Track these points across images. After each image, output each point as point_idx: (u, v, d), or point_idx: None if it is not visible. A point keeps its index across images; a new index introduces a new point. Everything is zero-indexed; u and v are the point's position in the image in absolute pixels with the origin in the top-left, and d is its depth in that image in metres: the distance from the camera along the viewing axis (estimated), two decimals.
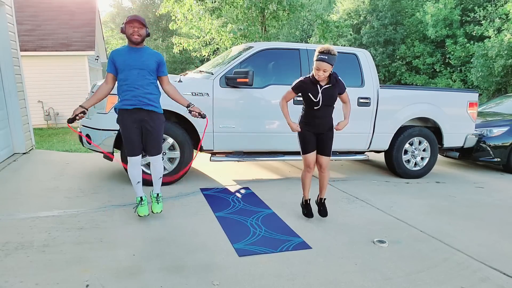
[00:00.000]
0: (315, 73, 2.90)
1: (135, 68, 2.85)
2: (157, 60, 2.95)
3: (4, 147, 5.19)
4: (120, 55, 2.88)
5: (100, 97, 2.95)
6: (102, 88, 2.95)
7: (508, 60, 13.35)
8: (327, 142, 3.15)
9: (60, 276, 2.23)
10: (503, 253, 2.84)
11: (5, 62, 5.25)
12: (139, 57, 2.87)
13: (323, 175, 3.23)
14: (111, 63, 2.90)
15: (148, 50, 2.95)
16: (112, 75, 2.94)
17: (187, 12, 11.49)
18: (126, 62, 2.85)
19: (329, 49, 2.83)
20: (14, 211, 3.23)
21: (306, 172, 3.22)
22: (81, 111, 2.81)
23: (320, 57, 2.83)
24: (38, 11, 13.14)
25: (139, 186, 3.11)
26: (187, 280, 2.25)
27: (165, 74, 3.02)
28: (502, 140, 5.71)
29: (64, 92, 11.78)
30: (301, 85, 3.03)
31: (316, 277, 2.35)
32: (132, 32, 2.80)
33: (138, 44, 2.87)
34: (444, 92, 5.24)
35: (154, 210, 3.15)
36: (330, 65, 2.85)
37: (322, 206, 3.32)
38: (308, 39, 21.83)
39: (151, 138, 2.99)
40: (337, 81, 3.02)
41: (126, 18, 2.84)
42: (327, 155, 3.17)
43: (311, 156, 3.15)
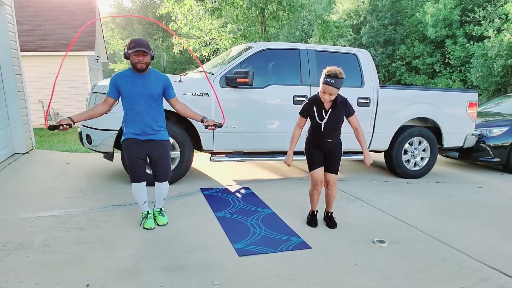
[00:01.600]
0: (321, 96, 2.81)
1: (142, 95, 2.77)
2: (163, 85, 2.85)
3: (4, 147, 5.19)
4: (125, 81, 2.77)
5: (93, 115, 2.81)
6: (99, 107, 2.82)
7: (507, 60, 13.35)
8: (335, 159, 3.07)
9: (60, 276, 2.23)
10: (503, 253, 2.84)
11: (5, 62, 5.25)
12: (145, 84, 2.77)
13: (330, 192, 3.13)
14: (114, 88, 2.78)
15: (152, 74, 2.84)
16: (113, 100, 2.83)
17: (187, 12, 11.50)
18: (132, 90, 2.76)
19: (336, 73, 2.71)
20: (14, 211, 3.23)
21: (313, 190, 3.14)
22: (67, 123, 2.60)
23: (327, 81, 2.72)
24: (38, 11, 13.14)
25: (145, 205, 3.03)
26: (187, 280, 2.26)
27: (173, 96, 2.92)
28: (502, 140, 5.71)
29: (64, 92, 11.77)
30: (307, 108, 2.96)
31: (316, 277, 2.35)
32: (137, 61, 2.69)
33: (143, 72, 2.78)
34: (444, 92, 5.25)
35: (160, 222, 3.06)
36: (337, 89, 2.74)
37: (330, 219, 3.24)
38: (308, 39, 21.83)
39: (158, 165, 2.93)
40: (343, 103, 2.91)
41: (129, 43, 2.70)
42: (335, 173, 3.08)
43: (319, 173, 3.05)
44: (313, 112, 2.94)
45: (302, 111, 3.00)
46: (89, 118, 2.83)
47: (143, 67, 2.73)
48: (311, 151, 3.09)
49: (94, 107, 2.84)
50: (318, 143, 3.05)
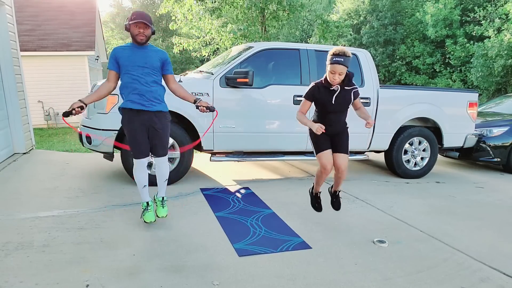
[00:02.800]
0: (330, 77, 2.71)
1: (139, 65, 2.76)
2: (162, 58, 2.86)
3: (4, 147, 5.19)
4: (124, 52, 2.78)
5: (101, 94, 2.84)
6: (104, 86, 2.84)
7: (508, 60, 13.35)
8: (343, 140, 2.93)
9: (60, 276, 2.23)
10: (503, 253, 2.84)
11: (5, 62, 5.25)
12: (143, 55, 2.78)
13: (341, 176, 2.97)
14: (113, 60, 2.80)
15: (152, 48, 2.86)
16: (115, 73, 2.83)
17: (187, 12, 11.49)
18: (130, 59, 2.76)
19: (344, 51, 2.63)
20: (14, 211, 3.23)
21: (321, 173, 2.97)
22: (79, 105, 2.65)
23: (336, 60, 2.63)
24: (38, 11, 13.14)
25: (145, 191, 3.00)
26: (187, 280, 2.25)
27: (171, 73, 2.93)
28: (502, 140, 5.71)
29: (64, 92, 11.78)
30: (313, 91, 2.86)
31: (316, 277, 2.35)
32: (137, 33, 2.70)
33: (143, 44, 2.80)
34: (444, 92, 5.25)
35: (159, 214, 3.05)
36: (346, 68, 2.65)
37: (335, 197, 3.18)
38: (308, 39, 21.82)
39: (158, 138, 2.89)
40: (350, 82, 2.83)
41: (131, 15, 2.72)
42: (345, 153, 2.90)
43: (326, 155, 2.88)
44: (321, 95, 2.83)
45: (308, 94, 2.87)
46: (98, 98, 2.89)
47: (143, 39, 2.73)
48: (317, 135, 2.88)
49: (100, 86, 2.87)
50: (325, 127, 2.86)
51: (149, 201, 3.04)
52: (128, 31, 2.76)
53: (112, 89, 2.89)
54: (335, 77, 2.70)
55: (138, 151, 2.87)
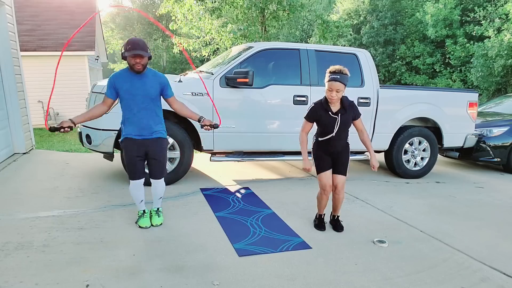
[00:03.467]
0: (328, 95, 2.76)
1: (139, 96, 2.78)
2: (160, 85, 2.85)
3: (4, 147, 5.19)
4: (123, 81, 2.78)
5: (93, 116, 2.84)
6: (98, 108, 2.84)
7: (508, 60, 13.35)
8: (343, 161, 3.00)
9: (60, 276, 2.23)
10: (503, 253, 2.84)
11: (5, 62, 5.25)
12: (142, 85, 2.78)
13: (338, 197, 3.04)
14: (112, 89, 2.80)
15: (150, 74, 2.83)
16: (112, 101, 2.85)
17: (187, 12, 11.48)
18: (129, 91, 2.77)
19: (340, 69, 2.71)
20: (14, 211, 3.23)
21: (321, 195, 3.06)
22: (68, 125, 2.63)
23: (332, 77, 2.70)
24: (38, 11, 13.13)
25: (142, 204, 3.06)
26: (187, 280, 2.25)
27: (171, 96, 2.93)
28: (502, 140, 5.71)
29: (64, 92, 11.76)
30: (313, 112, 2.90)
31: (316, 277, 2.35)
32: (134, 63, 2.70)
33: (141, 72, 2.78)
34: (444, 92, 5.25)
35: (154, 222, 3.07)
36: (343, 85, 2.70)
37: (336, 222, 3.20)
38: (308, 39, 21.82)
39: (156, 163, 2.96)
40: (351, 105, 2.88)
41: (126, 44, 2.70)
42: (343, 174, 2.99)
43: (327, 176, 2.97)
44: (321, 117, 2.88)
45: (309, 115, 2.94)
46: (89, 119, 2.85)
47: (140, 69, 2.74)
48: (319, 155, 3.00)
49: (94, 108, 2.85)
50: (326, 147, 2.97)
51: (145, 209, 3.10)
52: (124, 59, 2.74)
53: (104, 113, 2.89)
54: (332, 94, 2.75)
55: (134, 174, 2.94)
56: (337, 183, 3.00)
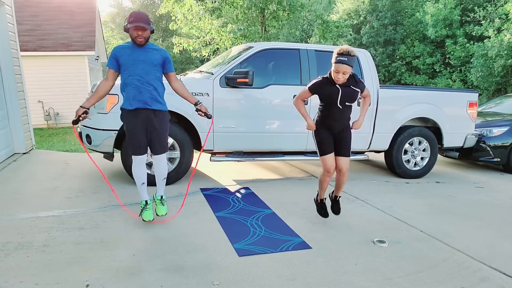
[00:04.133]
0: (334, 76, 2.73)
1: (140, 62, 2.77)
2: (163, 56, 2.86)
3: (4, 147, 5.19)
4: (124, 51, 2.80)
5: (101, 95, 2.86)
6: (102, 85, 2.85)
7: (508, 60, 13.35)
8: (345, 141, 2.96)
9: (60, 276, 2.23)
10: (503, 253, 2.84)
11: (5, 62, 5.25)
12: (144, 53, 2.80)
13: (342, 178, 3.03)
14: (113, 59, 2.80)
15: (153, 46, 2.87)
16: (113, 71, 2.84)
17: (187, 12, 11.48)
18: (130, 57, 2.77)
19: (349, 50, 2.65)
20: (14, 211, 3.23)
21: (325, 176, 3.01)
22: (83, 112, 2.73)
23: (340, 59, 2.65)
24: (38, 11, 13.13)
25: (144, 188, 3.02)
26: (187, 280, 2.25)
27: (172, 71, 2.93)
28: (502, 140, 5.71)
29: (64, 92, 11.78)
30: (318, 86, 2.86)
31: (316, 277, 2.35)
32: (136, 36, 2.72)
33: (143, 45, 2.81)
34: (444, 92, 5.25)
35: (159, 212, 3.06)
36: (350, 67, 2.67)
37: (336, 203, 3.21)
38: (308, 39, 21.82)
39: (157, 136, 2.91)
40: (356, 81, 2.85)
41: (129, 16, 2.73)
42: (347, 155, 2.95)
43: (330, 159, 2.93)
44: (326, 91, 2.83)
45: (312, 87, 2.87)
46: (98, 99, 2.88)
47: (142, 42, 2.75)
48: (320, 134, 2.94)
49: (99, 87, 2.87)
50: (329, 124, 2.92)
51: (148, 199, 3.05)
52: (127, 32, 2.77)
53: (110, 88, 2.90)
54: (339, 76, 2.72)
55: (137, 147, 2.89)
56: (342, 165, 2.97)
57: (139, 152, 2.91)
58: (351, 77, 2.83)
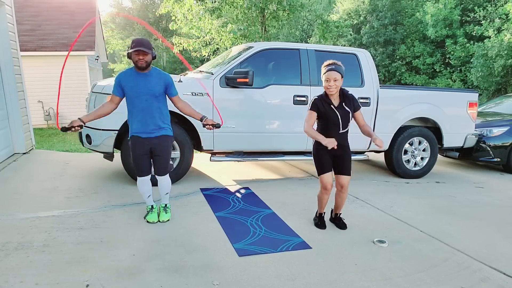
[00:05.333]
0: (326, 85, 2.81)
1: (143, 94, 2.86)
2: (165, 83, 2.92)
3: (4, 147, 5.19)
4: (128, 80, 2.87)
5: (101, 114, 2.94)
6: (106, 106, 2.94)
7: (508, 60, 13.34)
8: (345, 160, 3.01)
9: (60, 276, 2.23)
10: (503, 253, 2.84)
11: (5, 62, 5.25)
12: (146, 83, 2.86)
13: (343, 195, 3.08)
14: (118, 86, 2.90)
15: (154, 73, 2.92)
16: (119, 98, 2.94)
17: (187, 12, 11.48)
18: (134, 89, 2.86)
19: (334, 61, 2.83)
20: (14, 211, 3.23)
21: (323, 194, 3.08)
22: (79, 124, 2.76)
23: (329, 68, 2.80)
24: (38, 11, 13.13)
25: (150, 199, 3.15)
26: (187, 280, 2.25)
27: (175, 94, 3.00)
28: (502, 140, 5.71)
29: (64, 92, 11.71)
30: (316, 102, 2.91)
31: (316, 277, 2.35)
32: (137, 60, 2.79)
33: (144, 70, 2.86)
34: (444, 92, 5.25)
35: (162, 218, 3.15)
36: (340, 74, 2.77)
37: (340, 220, 3.22)
38: (308, 39, 21.83)
39: (160, 161, 3.03)
40: (349, 97, 2.91)
41: (131, 42, 2.80)
42: (347, 174, 3.01)
43: (328, 177, 2.99)
44: (324, 109, 2.89)
45: (313, 105, 2.92)
46: (98, 117, 2.96)
47: (143, 65, 2.82)
48: (320, 154, 3.00)
49: (102, 106, 2.95)
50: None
51: (153, 204, 3.19)
52: (129, 58, 2.85)
53: (113, 110, 3.00)
54: (330, 84, 2.80)
55: (141, 171, 3.04)
56: (343, 183, 3.02)
57: (143, 174, 3.05)
58: (344, 94, 2.90)
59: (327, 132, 2.94)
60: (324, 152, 2.97)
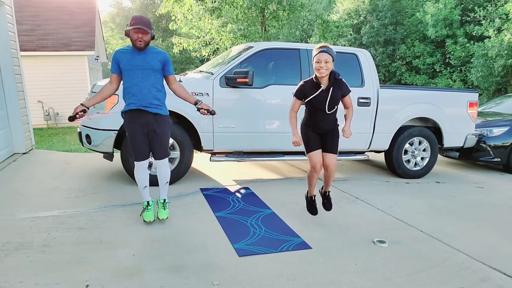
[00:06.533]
0: (316, 67, 2.78)
1: (140, 68, 2.80)
2: (162, 60, 2.87)
3: (4, 147, 5.19)
4: (124, 55, 2.82)
5: (103, 96, 2.90)
6: (106, 87, 2.90)
7: (508, 60, 13.34)
8: (333, 139, 3.01)
9: (60, 276, 2.23)
10: (503, 253, 2.84)
11: (5, 62, 5.25)
12: (143, 58, 2.82)
13: (330, 174, 3.07)
14: (115, 63, 2.84)
15: (152, 50, 2.88)
16: (116, 75, 2.88)
17: (187, 12, 11.48)
18: (130, 63, 2.80)
19: (325, 44, 2.83)
20: (14, 211, 3.23)
21: (312, 173, 3.08)
22: (81, 109, 2.72)
23: (320, 50, 2.77)
24: (38, 11, 13.13)
25: (146, 191, 3.06)
26: (187, 280, 2.25)
27: (171, 73, 2.95)
28: (502, 140, 5.70)
29: (64, 92, 11.78)
30: (302, 89, 2.92)
31: (316, 277, 2.35)
32: (136, 39, 2.74)
33: (142, 49, 2.82)
34: (444, 92, 5.24)
35: (160, 216, 3.08)
36: (331, 56, 2.75)
37: (326, 198, 3.24)
38: (308, 39, 21.82)
39: (158, 141, 2.94)
40: (339, 81, 2.89)
41: (131, 19, 2.75)
42: (334, 152, 3.00)
43: (316, 155, 2.99)
44: (309, 91, 2.89)
45: (298, 92, 2.94)
46: (100, 100, 2.92)
47: (141, 45, 2.76)
48: (307, 133, 3.01)
49: (102, 88, 2.90)
50: (315, 125, 2.98)
51: (150, 200, 3.08)
52: (127, 36, 2.78)
53: (114, 91, 2.95)
54: (321, 65, 2.77)
55: (138, 153, 2.93)
56: (329, 162, 3.02)
57: (140, 157, 2.95)
58: (333, 78, 2.86)
59: (313, 114, 2.95)
60: (310, 130, 2.98)
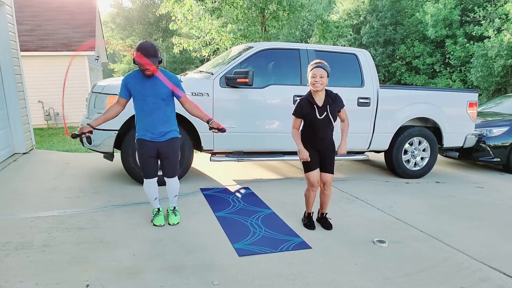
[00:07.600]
0: (312, 81, 2.84)
1: (150, 97, 2.82)
2: (171, 85, 2.87)
3: (4, 147, 5.19)
4: (134, 82, 2.83)
5: (109, 117, 2.92)
6: (113, 108, 2.91)
7: (508, 60, 13.34)
8: (330, 158, 3.06)
9: (60, 276, 2.23)
10: (503, 253, 2.84)
11: (5, 62, 5.24)
12: (152, 86, 2.82)
13: (326, 193, 3.12)
14: (124, 88, 2.86)
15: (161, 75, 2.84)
16: (126, 100, 2.91)
17: (187, 12, 11.48)
18: (140, 92, 2.82)
19: (320, 60, 2.90)
20: (14, 211, 3.23)
21: (309, 191, 3.13)
22: (88, 130, 2.77)
23: (315, 65, 2.86)
24: (38, 11, 13.14)
25: (156, 201, 3.10)
26: (187, 280, 2.25)
27: (182, 96, 2.95)
28: (502, 140, 5.71)
29: (64, 92, 11.76)
30: (300, 107, 2.97)
31: (316, 277, 2.35)
32: (143, 69, 2.74)
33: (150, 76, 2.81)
34: (444, 92, 5.25)
35: (171, 221, 3.10)
36: (326, 72, 2.83)
37: (325, 220, 3.23)
38: (308, 39, 21.82)
39: (168, 163, 3.00)
40: (334, 98, 2.94)
41: (137, 47, 2.72)
42: (331, 172, 3.08)
43: (315, 175, 3.05)
44: (307, 110, 2.94)
45: (296, 110, 3.00)
46: (106, 120, 2.95)
47: (150, 75, 2.78)
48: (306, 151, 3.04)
49: (109, 109, 2.93)
50: (313, 143, 3.02)
51: (160, 207, 3.13)
52: (135, 64, 2.78)
53: (119, 113, 2.98)
54: (316, 80, 2.83)
55: (148, 173, 3.00)
56: (326, 181, 3.08)
57: (150, 176, 3.01)
58: (329, 96, 2.93)
59: (311, 130, 3.00)
60: (309, 148, 3.01)
